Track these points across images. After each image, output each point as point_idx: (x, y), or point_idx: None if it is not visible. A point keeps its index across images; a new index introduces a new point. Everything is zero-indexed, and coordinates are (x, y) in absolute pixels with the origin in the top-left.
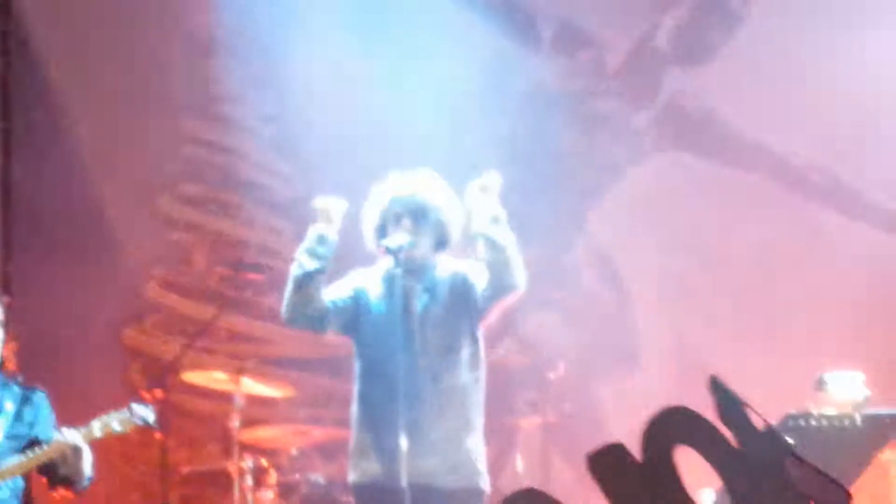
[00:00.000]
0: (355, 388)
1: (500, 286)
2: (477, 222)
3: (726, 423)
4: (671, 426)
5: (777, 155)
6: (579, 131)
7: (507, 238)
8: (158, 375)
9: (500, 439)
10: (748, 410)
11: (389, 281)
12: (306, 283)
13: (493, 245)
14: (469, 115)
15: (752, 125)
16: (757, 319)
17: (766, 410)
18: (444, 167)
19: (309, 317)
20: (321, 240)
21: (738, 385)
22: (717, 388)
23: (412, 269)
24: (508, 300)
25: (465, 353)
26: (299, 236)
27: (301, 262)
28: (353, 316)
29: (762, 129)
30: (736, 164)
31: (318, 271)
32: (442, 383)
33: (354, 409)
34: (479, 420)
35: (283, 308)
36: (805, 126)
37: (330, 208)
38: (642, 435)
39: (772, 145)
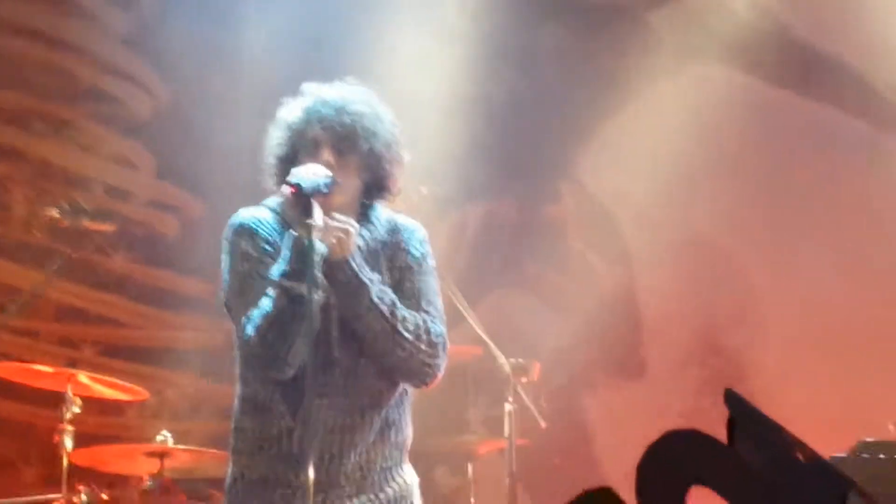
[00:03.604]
0: (238, 396)
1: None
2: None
3: (751, 452)
4: (679, 458)
5: (862, 80)
6: (571, 32)
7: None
8: None
9: (453, 467)
10: (786, 436)
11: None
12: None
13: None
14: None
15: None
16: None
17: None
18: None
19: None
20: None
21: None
22: (737, 406)
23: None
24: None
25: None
26: (162, 168)
27: (297, 291)
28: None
29: (831, 41)
30: (794, 85)
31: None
32: (363, 391)
33: (237, 423)
34: (409, 441)
35: (256, 335)
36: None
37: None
38: (639, 471)
39: (849, 63)
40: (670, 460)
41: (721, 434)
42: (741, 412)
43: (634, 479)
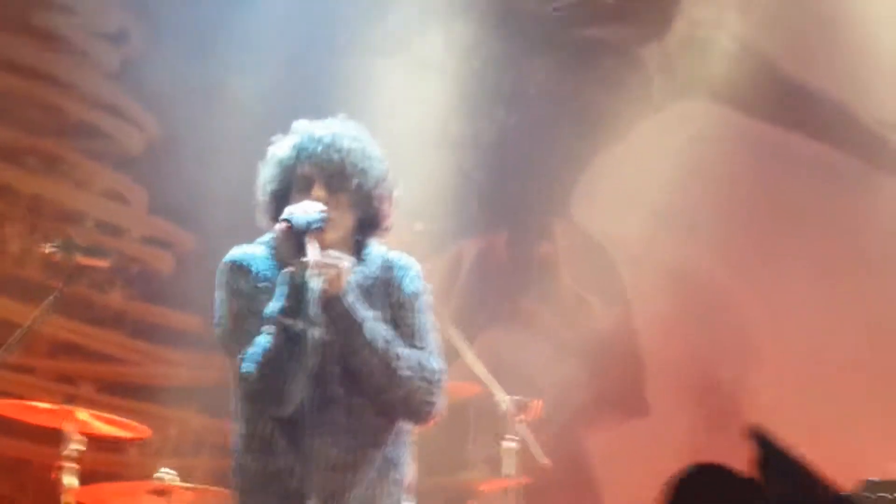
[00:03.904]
0: (238, 433)
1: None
2: None
3: (775, 486)
4: (702, 492)
5: (849, 114)
6: (563, 69)
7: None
8: None
9: None
10: (810, 472)
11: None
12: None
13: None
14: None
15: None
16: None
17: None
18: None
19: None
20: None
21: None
22: (764, 443)
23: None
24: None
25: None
26: (155, 204)
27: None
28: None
29: (817, 76)
30: (782, 121)
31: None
32: (363, 428)
33: (238, 461)
34: (409, 478)
35: (255, 372)
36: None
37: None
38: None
39: (837, 98)
40: (693, 494)
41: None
42: (766, 448)
43: None
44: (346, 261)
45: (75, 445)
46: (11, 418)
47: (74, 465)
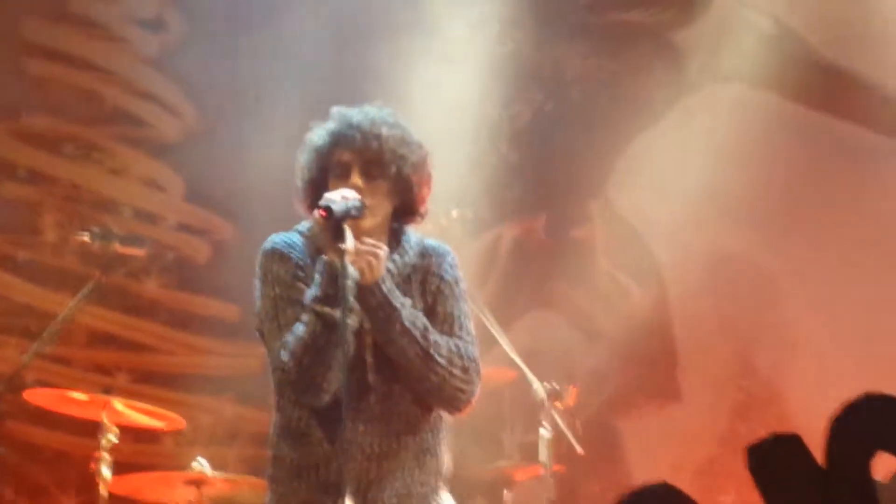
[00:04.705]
0: (274, 423)
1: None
2: None
3: None
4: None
5: (887, 97)
6: (599, 53)
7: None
8: None
9: (489, 494)
10: None
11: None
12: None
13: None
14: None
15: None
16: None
17: None
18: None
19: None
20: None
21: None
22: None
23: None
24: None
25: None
26: (192, 192)
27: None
28: None
29: (854, 58)
30: (819, 104)
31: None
32: (399, 416)
33: (274, 451)
34: (446, 467)
35: (291, 361)
36: None
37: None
38: (830, 431)
39: (874, 80)
40: (861, 424)
41: None
42: None
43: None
44: (382, 248)
45: (112, 436)
46: (50, 409)
47: (110, 456)
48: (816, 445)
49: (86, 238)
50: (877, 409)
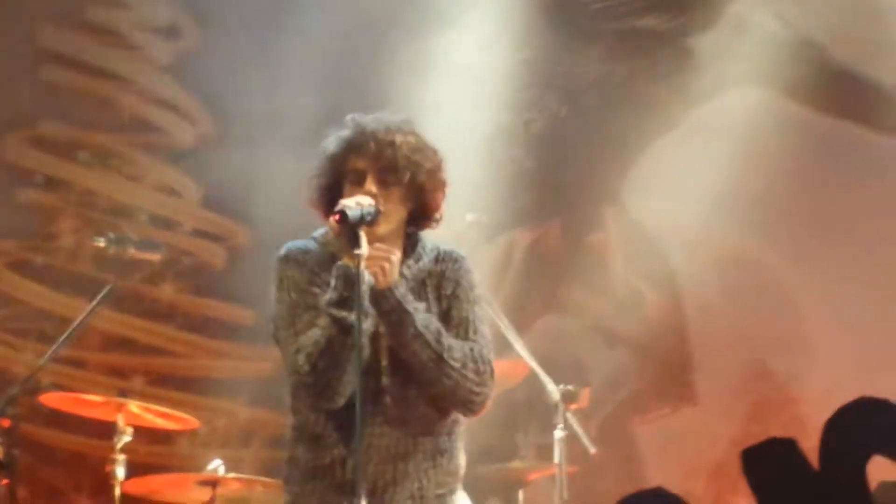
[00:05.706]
0: (290, 425)
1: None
2: None
3: None
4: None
5: None
6: (613, 58)
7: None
8: (5, 397)
9: (504, 495)
10: None
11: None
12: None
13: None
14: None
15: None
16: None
17: None
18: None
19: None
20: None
21: None
22: None
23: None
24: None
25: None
26: (207, 198)
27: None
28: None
29: (870, 64)
30: (835, 109)
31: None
32: (414, 419)
33: (290, 453)
34: (462, 469)
35: (307, 364)
36: None
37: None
38: (825, 434)
39: (890, 86)
40: (855, 427)
41: None
42: None
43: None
44: (395, 253)
45: (127, 438)
46: (66, 412)
47: (126, 458)
48: None
49: (101, 244)
50: (871, 413)
